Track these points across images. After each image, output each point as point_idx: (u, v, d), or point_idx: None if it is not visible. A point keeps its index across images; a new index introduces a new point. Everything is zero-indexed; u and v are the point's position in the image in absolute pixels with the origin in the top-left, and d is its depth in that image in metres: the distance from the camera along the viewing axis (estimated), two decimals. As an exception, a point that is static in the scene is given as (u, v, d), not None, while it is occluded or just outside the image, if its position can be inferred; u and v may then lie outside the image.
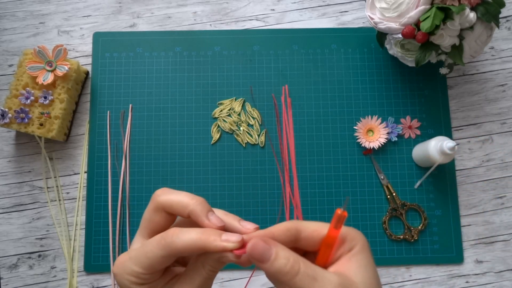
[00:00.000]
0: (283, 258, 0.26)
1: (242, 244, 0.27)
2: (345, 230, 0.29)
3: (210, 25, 0.71)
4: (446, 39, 0.55)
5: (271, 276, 0.27)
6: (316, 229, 0.29)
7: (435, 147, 0.58)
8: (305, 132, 0.66)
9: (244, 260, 0.27)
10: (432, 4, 0.54)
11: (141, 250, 0.29)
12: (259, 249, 0.26)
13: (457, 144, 0.60)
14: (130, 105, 0.67)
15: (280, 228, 0.28)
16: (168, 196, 0.31)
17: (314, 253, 0.30)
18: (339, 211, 0.28)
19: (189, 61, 0.69)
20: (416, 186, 0.65)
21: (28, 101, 0.62)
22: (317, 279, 0.26)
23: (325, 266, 0.30)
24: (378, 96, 0.68)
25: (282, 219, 0.64)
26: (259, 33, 0.70)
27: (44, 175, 0.66)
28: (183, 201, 0.29)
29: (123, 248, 0.63)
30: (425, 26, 0.53)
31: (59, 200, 0.65)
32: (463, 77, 0.69)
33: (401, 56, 0.62)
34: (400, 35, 0.57)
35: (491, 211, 0.65)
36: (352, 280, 0.28)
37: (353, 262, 0.28)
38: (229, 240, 0.27)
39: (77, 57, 0.70)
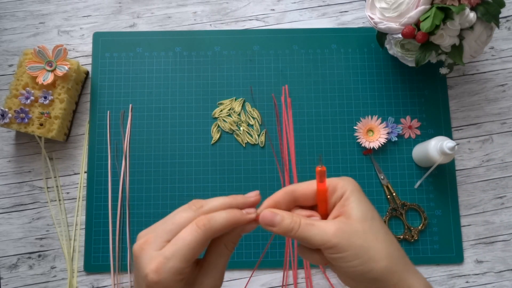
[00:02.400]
0: (287, 219, 0.34)
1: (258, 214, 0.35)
2: (335, 180, 0.36)
3: (210, 25, 0.71)
4: (446, 39, 0.55)
5: (282, 234, 0.34)
6: (307, 186, 0.36)
7: (435, 147, 0.58)
8: (305, 132, 0.66)
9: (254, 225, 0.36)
10: (432, 4, 0.55)
11: (179, 245, 0.32)
12: (268, 217, 0.34)
13: (457, 144, 0.60)
14: (130, 105, 0.67)
15: (279, 193, 0.36)
16: (218, 223, 0.33)
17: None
18: (318, 168, 0.34)
19: (189, 61, 0.69)
20: (416, 186, 0.65)
21: (28, 101, 0.62)
22: (314, 224, 0.34)
23: (326, 216, 0.36)
24: (378, 96, 0.68)
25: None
26: (259, 33, 0.70)
27: (44, 175, 0.66)
28: (231, 222, 0.34)
29: (123, 248, 0.63)
30: (425, 26, 0.53)
31: (59, 200, 0.65)
32: (463, 77, 0.69)
33: (401, 56, 0.62)
34: (400, 35, 0.57)
35: (491, 211, 0.65)
36: (348, 220, 0.34)
37: (346, 206, 0.35)
38: (250, 213, 0.35)
39: (77, 57, 0.70)
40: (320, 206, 0.36)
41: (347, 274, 0.34)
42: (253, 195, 0.36)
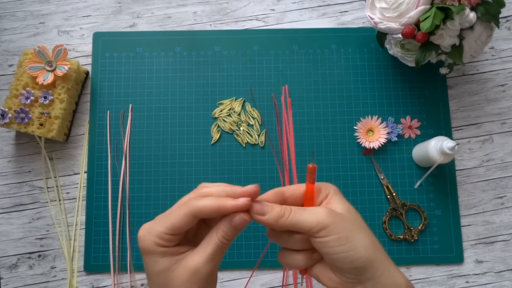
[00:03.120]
0: (277, 207, 0.35)
1: (250, 204, 0.35)
2: (318, 184, 0.38)
3: (210, 25, 0.71)
4: (446, 39, 0.55)
5: (272, 224, 0.35)
6: (295, 187, 0.38)
7: (435, 147, 0.58)
8: (305, 132, 0.66)
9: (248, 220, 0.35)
10: (432, 4, 0.55)
11: (165, 214, 0.35)
12: (258, 206, 0.35)
13: (457, 144, 0.60)
14: (130, 105, 0.67)
15: (269, 194, 0.37)
16: (202, 204, 0.35)
17: None
18: (310, 165, 0.36)
19: (189, 61, 0.69)
20: (416, 186, 0.65)
21: (28, 101, 0.62)
22: (305, 209, 0.35)
23: None
24: (378, 96, 0.68)
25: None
26: (259, 33, 0.70)
27: (44, 175, 0.66)
28: (214, 206, 0.35)
29: (123, 248, 0.63)
30: (425, 26, 0.53)
31: (59, 200, 0.65)
32: (463, 77, 0.69)
33: (401, 56, 0.62)
34: (400, 35, 0.57)
35: (491, 211, 0.65)
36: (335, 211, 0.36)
37: (332, 202, 0.37)
38: (239, 201, 0.35)
39: (77, 57, 0.70)
40: (307, 204, 0.37)
41: (334, 263, 0.35)
42: (251, 187, 0.36)
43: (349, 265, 0.34)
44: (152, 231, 0.35)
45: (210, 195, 0.35)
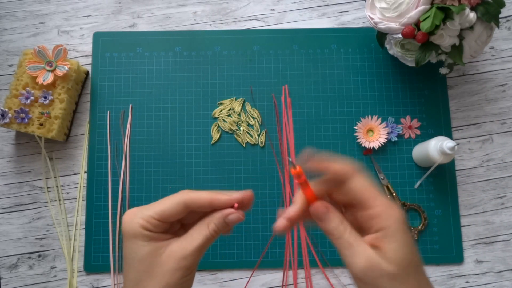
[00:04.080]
0: (334, 221, 0.33)
1: (241, 201, 0.35)
2: (382, 204, 0.33)
3: (210, 25, 0.71)
4: (446, 39, 0.55)
5: (323, 230, 0.34)
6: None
7: (435, 147, 0.58)
8: (305, 132, 0.66)
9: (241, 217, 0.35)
10: (432, 4, 0.55)
11: (157, 202, 0.35)
12: (323, 208, 0.34)
13: (457, 144, 0.60)
14: (130, 105, 0.67)
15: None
16: (196, 194, 0.35)
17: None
18: (293, 170, 0.34)
19: (189, 61, 0.69)
20: (416, 186, 0.65)
21: (28, 101, 0.62)
22: (353, 246, 0.32)
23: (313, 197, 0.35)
24: (378, 96, 0.68)
25: (282, 219, 0.64)
26: (259, 33, 0.70)
27: (44, 175, 0.66)
28: (208, 198, 0.35)
29: (123, 248, 0.63)
30: (425, 26, 0.53)
31: (59, 200, 0.65)
32: (463, 77, 0.69)
33: (401, 56, 0.62)
34: (400, 35, 0.57)
35: (491, 211, 0.65)
36: (384, 259, 0.31)
37: (386, 243, 0.32)
38: (232, 195, 0.35)
39: (77, 57, 0.70)
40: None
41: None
42: (244, 193, 0.36)
43: None
44: (139, 214, 0.35)
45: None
